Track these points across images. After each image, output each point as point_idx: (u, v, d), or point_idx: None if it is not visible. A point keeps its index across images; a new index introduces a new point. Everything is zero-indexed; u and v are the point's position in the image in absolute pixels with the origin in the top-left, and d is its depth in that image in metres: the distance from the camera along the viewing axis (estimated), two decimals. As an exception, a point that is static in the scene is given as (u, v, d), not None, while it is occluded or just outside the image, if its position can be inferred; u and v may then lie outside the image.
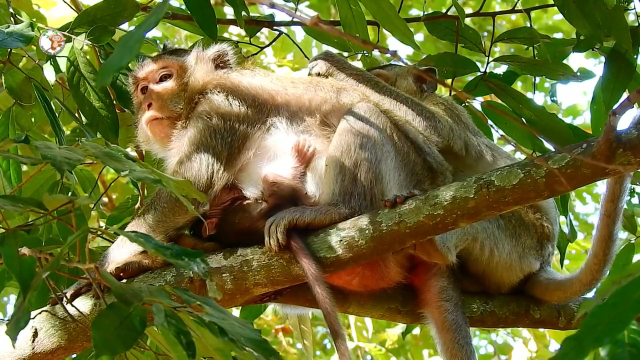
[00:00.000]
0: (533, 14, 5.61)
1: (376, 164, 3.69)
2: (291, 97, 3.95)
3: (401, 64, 4.63)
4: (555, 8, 5.04)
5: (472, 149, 4.18)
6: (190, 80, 4.04)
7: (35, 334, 3.51)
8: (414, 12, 9.20)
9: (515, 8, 5.46)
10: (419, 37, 9.23)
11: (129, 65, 4.28)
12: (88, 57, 4.37)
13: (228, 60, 4.16)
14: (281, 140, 3.87)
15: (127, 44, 2.29)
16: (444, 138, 4.06)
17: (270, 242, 3.54)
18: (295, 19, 4.78)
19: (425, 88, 4.49)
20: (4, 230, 2.79)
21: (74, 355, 3.77)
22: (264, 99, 3.93)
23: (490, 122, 4.77)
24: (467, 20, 5.13)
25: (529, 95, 5.19)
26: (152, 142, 4.09)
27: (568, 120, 9.49)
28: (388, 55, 4.61)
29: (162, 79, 4.09)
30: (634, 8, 4.85)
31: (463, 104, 4.66)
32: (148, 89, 4.07)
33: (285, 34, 5.18)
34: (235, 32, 8.60)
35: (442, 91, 4.76)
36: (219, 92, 3.93)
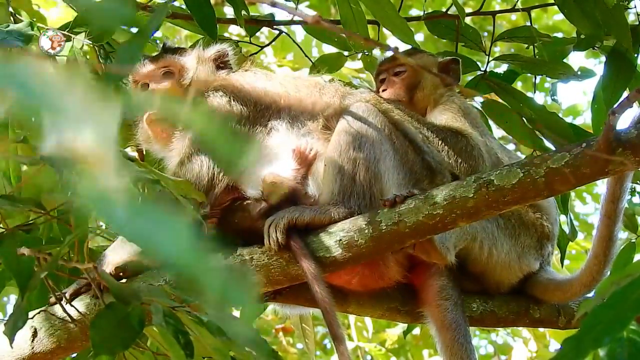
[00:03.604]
0: (533, 13, 5.61)
1: (375, 163, 3.68)
2: (294, 100, 3.94)
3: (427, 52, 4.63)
4: (556, 8, 5.04)
5: (492, 155, 4.17)
6: (192, 81, 4.02)
7: (34, 334, 3.51)
8: (414, 12, 9.20)
9: (515, 7, 5.46)
10: (419, 36, 9.23)
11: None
12: (88, 56, 4.37)
13: (228, 60, 4.15)
14: (282, 143, 3.86)
15: (131, 50, 2.29)
16: (476, 161, 4.05)
17: (269, 242, 3.54)
18: (296, 17, 4.78)
19: (448, 81, 4.46)
20: (3, 230, 2.79)
21: (74, 355, 3.76)
22: (267, 103, 3.92)
23: (491, 121, 4.78)
24: (468, 20, 5.14)
25: (530, 94, 5.19)
26: (153, 142, 4.08)
27: (568, 120, 9.48)
28: (389, 52, 4.60)
29: (163, 78, 4.07)
30: (635, 7, 4.85)
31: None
32: (149, 88, 4.06)
33: (286, 33, 5.17)
34: (235, 32, 8.60)
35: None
36: (221, 93, 3.92)
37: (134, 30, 4.50)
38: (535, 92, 5.13)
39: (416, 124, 4.03)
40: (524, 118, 4.65)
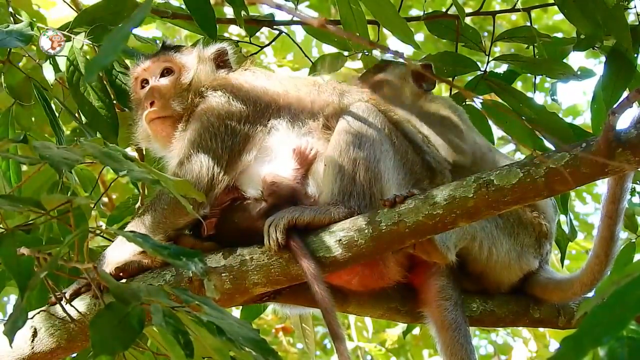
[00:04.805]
0: (533, 14, 5.61)
1: (375, 163, 3.68)
2: (293, 99, 3.93)
3: (396, 60, 4.64)
4: (556, 8, 5.04)
5: (478, 151, 4.19)
6: (193, 80, 4.01)
7: (34, 334, 3.51)
8: (414, 12, 9.20)
9: (515, 7, 5.46)
10: (419, 36, 9.23)
11: (129, 63, 4.28)
12: (88, 56, 4.37)
13: (228, 59, 4.15)
14: (282, 142, 3.86)
15: (112, 42, 2.30)
16: (468, 154, 4.08)
17: (269, 242, 3.54)
18: (298, 19, 4.78)
19: (425, 87, 4.50)
20: (3, 230, 2.79)
21: (74, 355, 3.77)
22: (267, 102, 3.91)
23: (490, 121, 4.78)
24: (468, 20, 5.14)
25: (530, 94, 5.20)
26: (153, 141, 4.07)
27: (568, 120, 9.48)
28: (389, 55, 4.60)
29: (163, 75, 4.06)
30: (635, 7, 4.86)
31: (464, 103, 4.67)
32: (149, 86, 4.04)
33: (286, 33, 5.18)
34: (235, 32, 8.60)
35: (443, 90, 4.76)
36: (221, 93, 3.91)
37: (134, 31, 4.50)
38: (535, 92, 5.14)
39: (415, 123, 4.04)
40: (524, 118, 4.66)
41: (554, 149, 4.40)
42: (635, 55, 4.63)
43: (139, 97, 4.09)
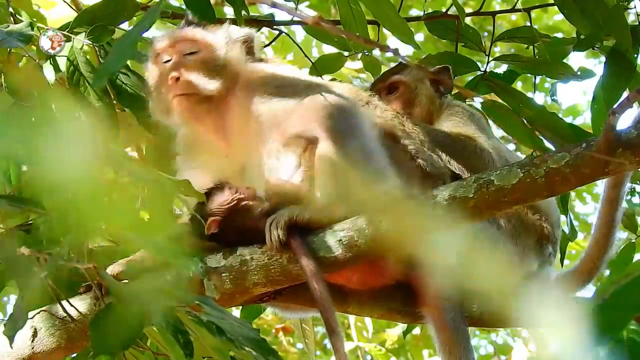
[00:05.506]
0: (533, 14, 5.62)
1: (370, 162, 3.69)
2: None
3: (407, 62, 4.62)
4: (556, 8, 5.05)
5: (502, 157, 4.18)
6: (223, 60, 3.86)
7: (34, 334, 3.50)
8: (414, 12, 9.21)
9: (515, 8, 5.46)
10: (419, 37, 9.23)
11: (129, 64, 4.27)
12: (88, 56, 4.36)
13: (253, 47, 3.99)
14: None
15: (122, 48, 2.30)
16: (486, 164, 4.07)
17: (270, 239, 3.54)
18: (296, 18, 4.78)
19: (442, 90, 4.48)
20: (3, 230, 2.79)
21: (74, 355, 3.77)
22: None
23: (490, 121, 4.78)
24: (467, 20, 5.14)
25: (530, 94, 5.20)
26: (173, 116, 3.87)
27: (568, 120, 9.48)
28: (389, 54, 4.60)
29: (189, 53, 3.86)
30: (635, 7, 4.86)
31: (463, 103, 4.67)
32: (174, 61, 3.84)
33: (286, 33, 5.18)
34: (235, 31, 8.58)
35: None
36: (270, 92, 3.81)
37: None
38: (535, 92, 5.14)
39: (420, 131, 4.02)
40: (523, 118, 4.66)
41: (554, 149, 4.41)
42: (635, 55, 4.63)
43: (161, 70, 3.87)
